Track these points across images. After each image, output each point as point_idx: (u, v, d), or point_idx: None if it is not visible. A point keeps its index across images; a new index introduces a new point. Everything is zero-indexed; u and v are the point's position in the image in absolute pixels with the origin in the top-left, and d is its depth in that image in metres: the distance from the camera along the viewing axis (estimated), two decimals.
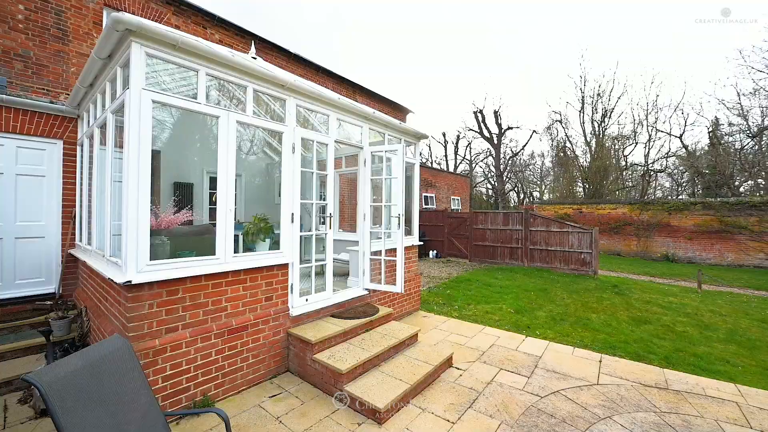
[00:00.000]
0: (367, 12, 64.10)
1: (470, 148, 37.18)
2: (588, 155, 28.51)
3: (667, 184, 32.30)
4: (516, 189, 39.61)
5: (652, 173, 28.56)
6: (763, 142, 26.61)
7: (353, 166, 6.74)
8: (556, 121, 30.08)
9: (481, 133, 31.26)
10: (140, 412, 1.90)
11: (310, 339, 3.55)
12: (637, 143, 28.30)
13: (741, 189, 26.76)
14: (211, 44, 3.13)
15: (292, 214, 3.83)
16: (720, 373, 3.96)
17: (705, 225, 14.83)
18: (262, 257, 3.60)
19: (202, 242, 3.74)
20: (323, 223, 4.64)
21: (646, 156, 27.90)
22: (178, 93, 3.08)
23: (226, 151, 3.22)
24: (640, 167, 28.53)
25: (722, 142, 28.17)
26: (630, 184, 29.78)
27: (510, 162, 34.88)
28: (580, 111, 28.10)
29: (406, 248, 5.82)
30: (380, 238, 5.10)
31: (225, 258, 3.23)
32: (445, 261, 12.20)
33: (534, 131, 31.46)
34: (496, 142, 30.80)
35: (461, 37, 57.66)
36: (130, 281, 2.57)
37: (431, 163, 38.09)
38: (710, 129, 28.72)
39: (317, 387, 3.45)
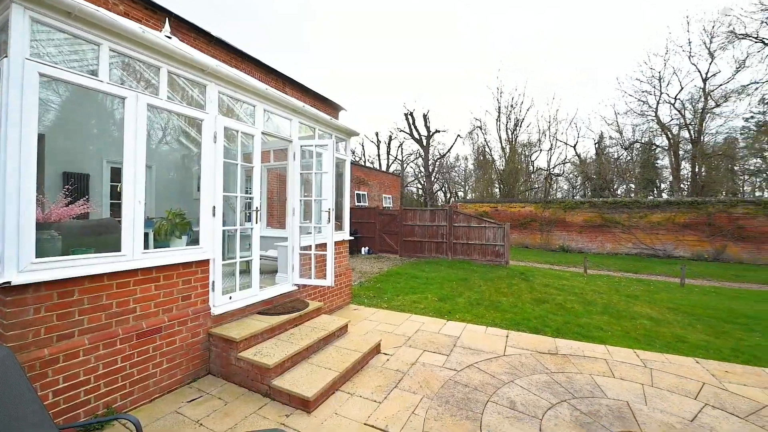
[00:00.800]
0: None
1: (402, 148, 38.54)
2: (503, 159, 31.69)
3: (565, 187, 37.68)
4: (443, 189, 42.21)
5: (553, 177, 32.92)
6: (633, 154, 32.61)
7: (283, 160, 6.57)
8: (477, 127, 32.84)
9: (411, 134, 32.60)
10: (27, 429, 1.67)
11: (235, 337, 3.42)
12: (541, 150, 32.33)
13: (618, 191, 32.46)
14: (117, 17, 2.81)
15: (214, 207, 3.62)
16: (595, 338, 4.84)
17: (591, 221, 17.68)
18: (178, 253, 3.35)
19: (103, 239, 3.32)
20: (249, 219, 4.46)
21: (549, 162, 32.06)
22: (69, 68, 2.69)
23: (135, 136, 2.92)
24: (544, 171, 32.69)
25: (605, 152, 33.85)
26: (537, 186, 33.95)
27: (438, 163, 36.99)
28: (497, 119, 31.07)
29: (337, 243, 5.88)
30: (310, 233, 5.08)
31: (133, 254, 2.93)
32: (376, 257, 12.53)
33: (459, 135, 33.88)
34: (425, 143, 32.40)
35: (399, 38, 59.26)
36: (9, 282, 2.20)
37: (364, 161, 38.56)
38: (596, 141, 34.19)
39: (243, 386, 3.34)
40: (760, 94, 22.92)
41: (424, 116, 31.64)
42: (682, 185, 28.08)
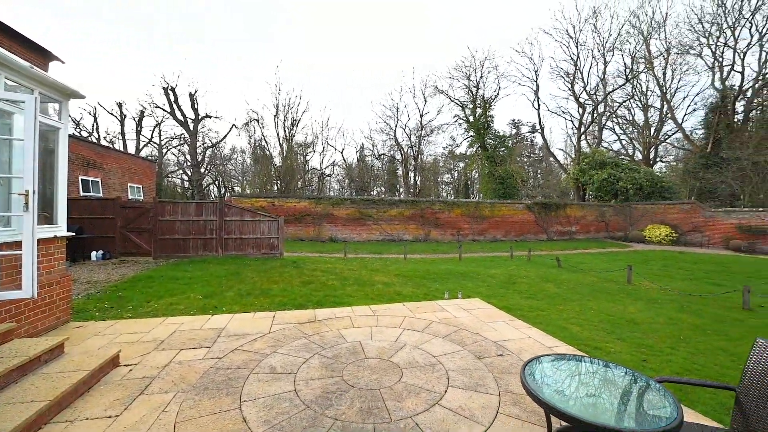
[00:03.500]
0: None
1: (160, 129, 31.85)
2: (281, 157, 32.42)
3: (336, 187, 43.00)
4: (217, 182, 38.32)
5: (325, 176, 36.80)
6: (382, 163, 41.21)
7: None
8: (254, 119, 31.92)
9: (173, 114, 27.57)
10: None
11: None
12: (314, 152, 35.38)
13: (374, 192, 40.32)
14: None
15: None
16: (346, 303, 5.99)
17: (352, 215, 21.15)
18: None
19: None
20: None
21: (321, 163, 35.58)
22: None
23: None
24: (317, 171, 36.00)
25: (364, 160, 41.21)
26: (313, 185, 36.91)
27: (210, 153, 33.18)
28: (275, 116, 31.35)
29: (45, 240, 4.32)
30: None
31: None
32: (117, 262, 9.87)
33: (234, 125, 31.69)
34: (192, 128, 28.25)
35: None
36: None
37: (99, 138, 29.14)
38: (357, 150, 40.94)
39: None
40: (449, 132, 34.88)
41: (192, 96, 27.59)
42: (411, 189, 38.33)
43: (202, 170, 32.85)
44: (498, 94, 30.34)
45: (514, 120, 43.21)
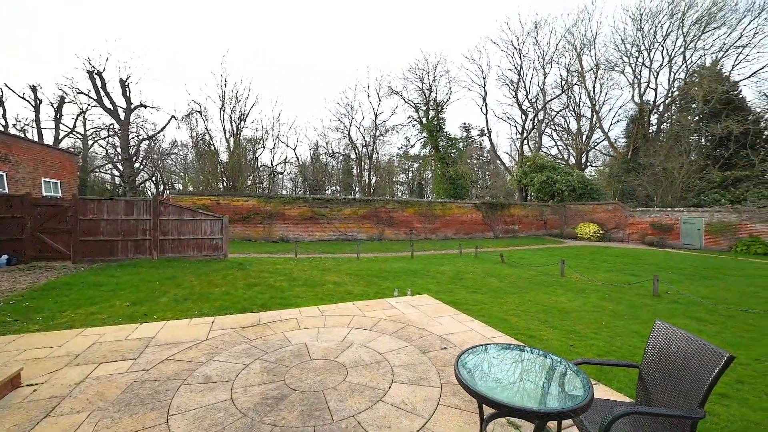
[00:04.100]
0: None
1: (84, 118, 28.45)
2: (228, 152, 30.62)
3: (290, 185, 41.67)
4: (155, 178, 35.23)
5: (276, 174, 35.50)
6: (337, 162, 40.74)
7: None
8: (196, 111, 29.79)
9: (100, 102, 24.75)
10: None
11: None
12: (264, 147, 33.96)
13: (328, 191, 39.68)
14: None
15: None
16: (294, 305, 5.79)
17: (304, 214, 20.61)
18: None
19: None
20: None
21: (272, 160, 34.24)
22: None
23: None
24: (268, 168, 34.59)
25: (318, 158, 40.43)
26: (264, 183, 35.38)
27: (148, 147, 30.36)
28: (220, 108, 29.52)
29: None
30: None
31: None
32: (26, 268, 8.61)
33: (173, 116, 29.26)
34: (123, 118, 25.60)
35: None
36: None
37: (6, 126, 25.33)
38: (311, 148, 40.05)
39: None
40: (404, 133, 35.49)
41: (123, 83, 24.97)
42: (365, 189, 38.35)
43: (137, 165, 29.93)
44: (449, 97, 31.50)
45: (464, 123, 45.24)
